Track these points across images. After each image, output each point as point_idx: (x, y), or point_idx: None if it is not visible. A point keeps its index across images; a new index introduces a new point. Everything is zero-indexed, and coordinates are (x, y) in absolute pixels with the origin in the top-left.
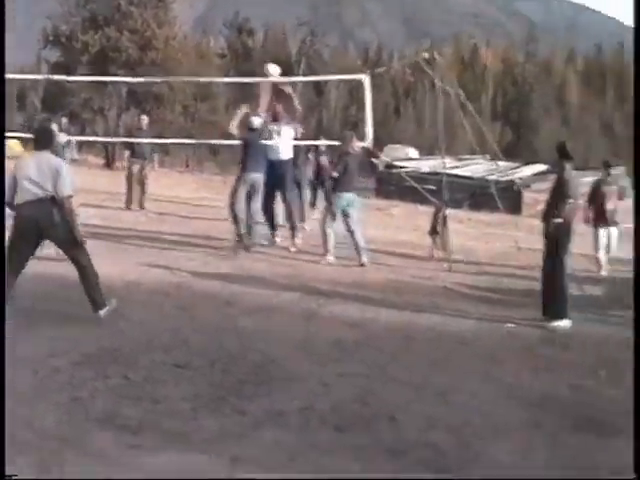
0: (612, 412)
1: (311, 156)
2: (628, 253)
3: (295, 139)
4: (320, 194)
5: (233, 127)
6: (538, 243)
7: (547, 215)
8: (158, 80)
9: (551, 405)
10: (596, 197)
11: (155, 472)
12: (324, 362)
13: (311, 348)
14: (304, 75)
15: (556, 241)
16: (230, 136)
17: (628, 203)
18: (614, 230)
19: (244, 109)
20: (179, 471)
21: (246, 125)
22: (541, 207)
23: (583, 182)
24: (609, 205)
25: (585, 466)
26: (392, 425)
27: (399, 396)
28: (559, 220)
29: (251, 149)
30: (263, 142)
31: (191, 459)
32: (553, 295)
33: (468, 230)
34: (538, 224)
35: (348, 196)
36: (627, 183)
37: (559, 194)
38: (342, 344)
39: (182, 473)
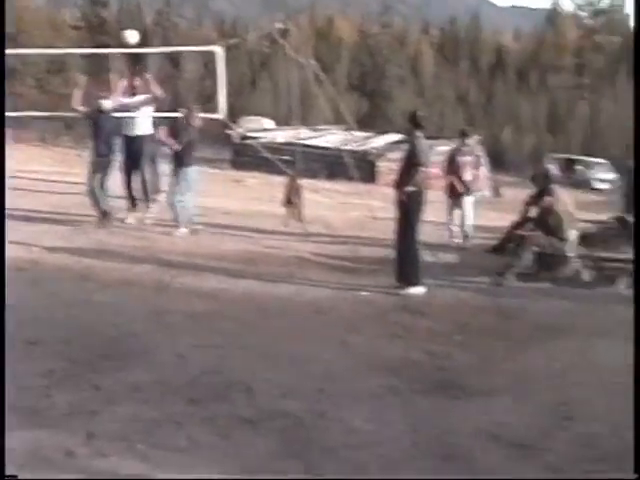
0: (466, 376)
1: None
2: (483, 220)
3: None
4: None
5: (76, 103)
6: (392, 212)
7: (400, 183)
8: (10, 52)
9: (406, 371)
10: (452, 167)
11: (8, 451)
12: (179, 334)
13: (166, 320)
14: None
15: (408, 209)
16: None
17: (484, 172)
18: (469, 199)
19: (83, 82)
20: (33, 449)
21: (95, 105)
22: (395, 176)
23: (438, 150)
24: (466, 175)
25: (439, 429)
26: (248, 395)
27: (254, 366)
28: (411, 188)
29: (101, 131)
30: (116, 119)
31: (46, 436)
32: (406, 262)
33: (324, 200)
34: (392, 193)
35: (191, 170)
36: (481, 152)
37: (411, 162)
38: (197, 315)
39: (36, 451)
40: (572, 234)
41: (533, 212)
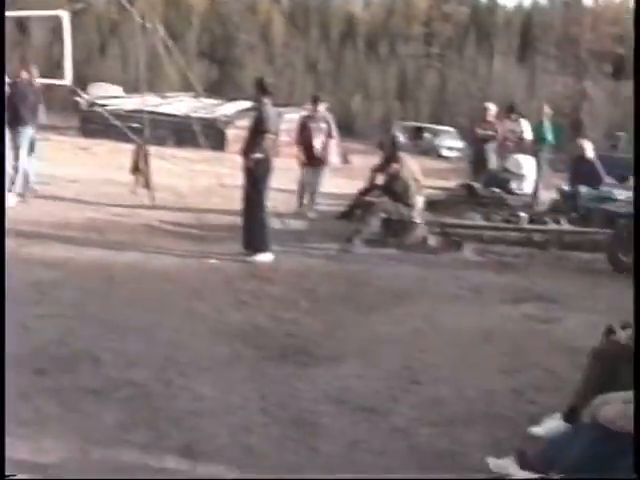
0: (314, 342)
1: None
2: (332, 187)
3: None
4: None
5: None
6: (241, 179)
7: (247, 150)
8: None
9: (254, 338)
10: (304, 134)
11: None
12: (23, 304)
13: (9, 290)
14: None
15: (255, 176)
16: None
17: (334, 139)
18: (320, 167)
19: None
20: None
21: None
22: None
23: (287, 118)
24: (317, 142)
25: (287, 395)
26: (94, 365)
27: (101, 335)
28: (258, 155)
29: None
30: None
31: None
32: (253, 229)
33: (172, 167)
34: (241, 160)
35: (28, 130)
36: (331, 119)
37: (258, 129)
38: (42, 285)
39: None
40: (419, 200)
41: (380, 179)
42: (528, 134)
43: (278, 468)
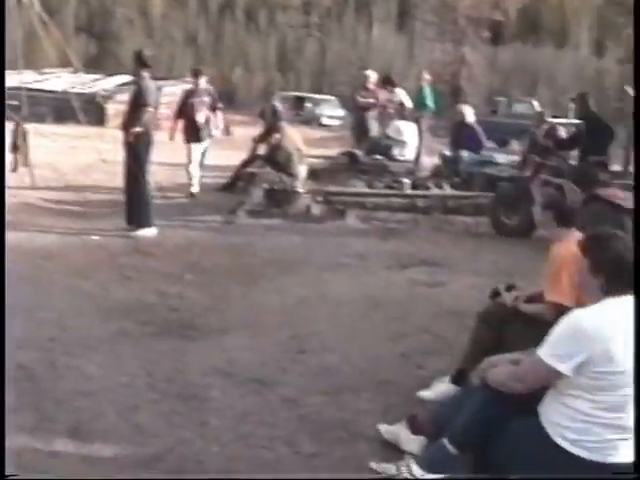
0: (199, 315)
1: None
2: (214, 159)
3: None
4: None
5: None
6: (122, 154)
7: (127, 125)
8: None
9: (138, 313)
10: (186, 108)
11: None
12: None
13: None
14: None
15: (136, 150)
16: None
17: (218, 112)
18: (203, 140)
19: None
20: None
21: None
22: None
23: (167, 91)
24: (199, 116)
25: (174, 370)
26: None
27: None
28: (138, 129)
29: None
30: None
31: None
32: (136, 204)
33: (52, 144)
34: (122, 135)
35: None
36: (213, 92)
37: (137, 103)
38: None
39: None
40: (301, 170)
41: (262, 149)
42: (407, 102)
43: (168, 444)
